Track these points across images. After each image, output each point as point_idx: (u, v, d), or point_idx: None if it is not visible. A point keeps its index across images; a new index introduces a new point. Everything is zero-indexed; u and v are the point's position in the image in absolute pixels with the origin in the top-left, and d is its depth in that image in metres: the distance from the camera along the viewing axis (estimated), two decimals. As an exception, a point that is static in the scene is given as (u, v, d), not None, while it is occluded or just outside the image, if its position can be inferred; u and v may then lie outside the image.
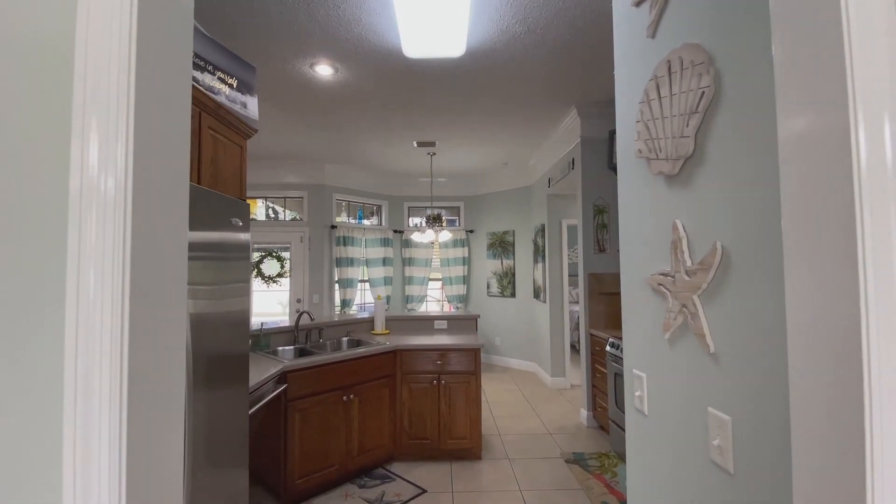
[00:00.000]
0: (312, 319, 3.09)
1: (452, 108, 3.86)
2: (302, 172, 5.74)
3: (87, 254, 0.48)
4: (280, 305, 6.30)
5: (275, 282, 5.68)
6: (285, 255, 5.74)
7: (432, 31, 2.57)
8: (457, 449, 3.12)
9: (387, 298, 6.40)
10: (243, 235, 1.59)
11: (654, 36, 1.02)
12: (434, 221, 5.38)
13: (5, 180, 0.52)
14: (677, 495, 0.93)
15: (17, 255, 0.53)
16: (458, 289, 6.60)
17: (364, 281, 6.32)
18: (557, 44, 2.78)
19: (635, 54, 1.12)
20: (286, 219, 5.91)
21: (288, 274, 5.69)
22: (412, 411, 3.13)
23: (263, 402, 2.12)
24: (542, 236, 5.32)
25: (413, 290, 6.65)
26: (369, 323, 3.75)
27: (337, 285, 5.92)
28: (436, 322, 3.82)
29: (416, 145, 4.93)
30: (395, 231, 6.66)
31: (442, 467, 3.06)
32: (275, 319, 4.79)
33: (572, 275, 6.79)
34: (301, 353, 3.05)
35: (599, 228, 4.02)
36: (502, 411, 4.29)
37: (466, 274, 6.65)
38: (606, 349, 3.41)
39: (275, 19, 2.52)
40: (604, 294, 3.99)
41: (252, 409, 1.97)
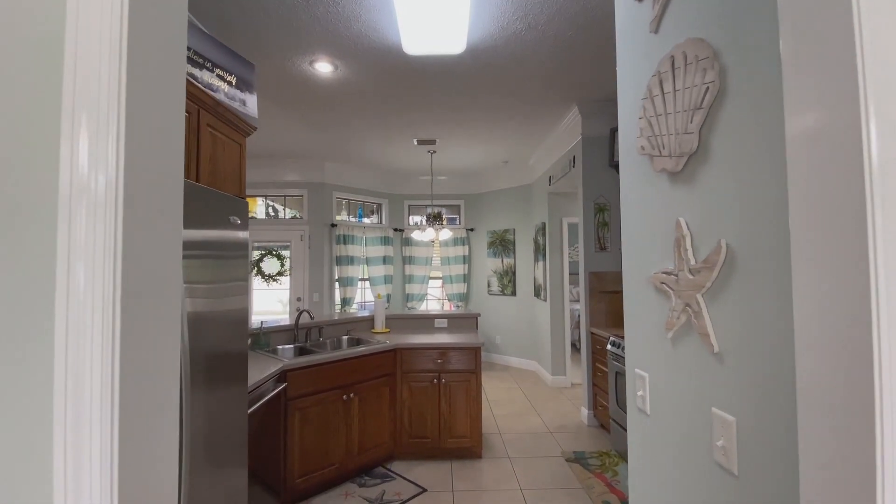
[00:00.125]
0: (312, 318, 3.08)
1: (453, 106, 3.85)
2: (302, 171, 5.73)
3: (77, 253, 0.47)
4: (280, 304, 6.29)
5: (275, 280, 5.67)
6: (285, 253, 5.73)
7: (432, 28, 2.55)
8: (457, 448, 3.12)
9: (387, 297, 6.39)
10: (242, 233, 1.57)
11: (658, 31, 1.01)
12: (434, 220, 5.37)
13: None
14: (680, 496, 0.92)
15: (5, 253, 0.52)
16: (459, 287, 6.59)
17: (364, 279, 6.31)
18: (559, 41, 2.76)
19: (638, 50, 1.11)
20: (286, 217, 5.90)
21: (288, 272, 5.68)
22: (412, 410, 3.12)
23: (263, 401, 2.11)
24: (543, 234, 5.31)
25: (413, 288, 6.64)
26: (369, 321, 3.74)
27: (337, 284, 5.91)
28: (436, 321, 3.81)
29: (416, 143, 4.91)
30: (396, 229, 6.65)
31: (442, 466, 3.05)
32: (275, 318, 4.79)
33: (573, 273, 6.78)
34: (301, 351, 3.04)
35: (600, 227, 4.01)
36: (503, 410, 4.29)
37: (467, 272, 6.64)
38: (607, 348, 3.40)
39: (273, 16, 2.50)
40: (605, 292, 3.98)
41: (251, 408, 1.96)
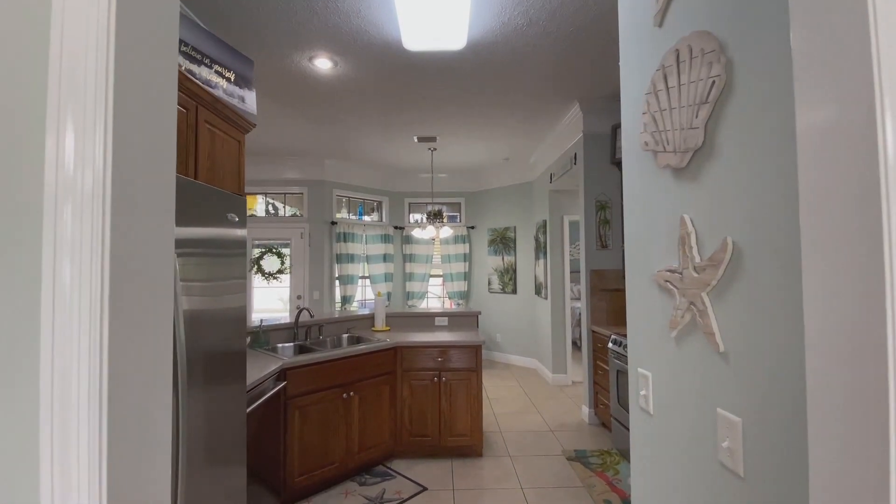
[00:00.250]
0: (312, 316, 3.07)
1: (453, 103, 3.82)
2: (302, 168, 5.71)
3: (64, 251, 0.46)
4: (281, 302, 6.29)
5: (275, 278, 5.66)
6: (285, 251, 5.72)
7: (433, 24, 2.53)
8: (458, 446, 3.11)
9: (387, 295, 6.38)
10: (240, 231, 1.56)
11: (662, 24, 0.99)
12: (435, 217, 5.35)
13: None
14: (684, 497, 0.90)
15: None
16: (459, 285, 6.58)
17: (365, 277, 6.30)
18: (560, 36, 2.74)
19: (642, 44, 1.09)
20: (286, 215, 5.88)
21: (288, 270, 5.67)
22: (413, 408, 3.11)
23: (263, 400, 2.10)
24: (544, 232, 5.29)
25: (414, 286, 6.63)
26: (370, 320, 3.73)
27: (337, 282, 5.90)
28: (436, 319, 3.80)
29: (416, 140, 4.89)
30: (396, 227, 6.64)
31: (443, 464, 3.04)
32: (275, 316, 4.78)
33: (574, 271, 6.75)
34: (301, 350, 3.03)
35: (602, 224, 3.99)
36: (503, 408, 4.28)
37: (467, 270, 6.62)
38: (609, 346, 3.38)
39: (272, 11, 2.48)
40: (606, 290, 3.96)
41: (251, 407, 1.95)
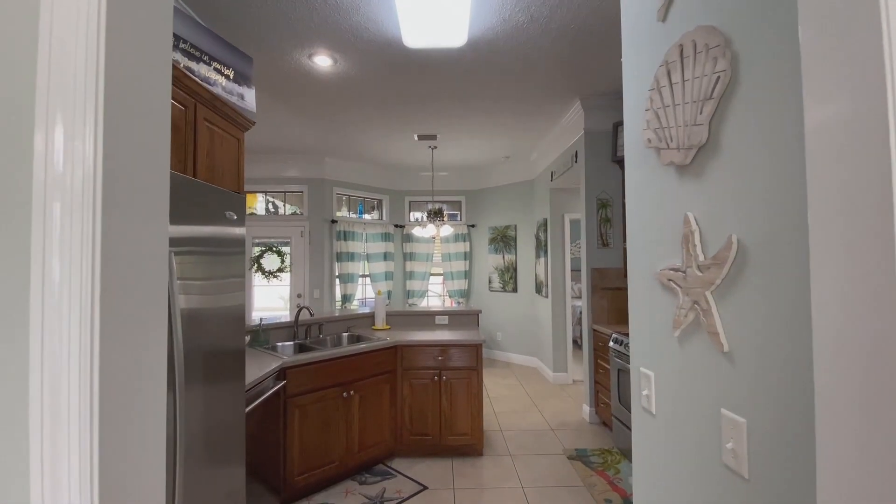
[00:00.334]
0: (312, 315, 3.06)
1: (454, 101, 3.81)
2: (302, 166, 5.70)
3: (53, 250, 0.44)
4: (282, 300, 6.28)
5: (275, 277, 5.65)
6: (285, 249, 5.71)
7: (433, 21, 2.51)
8: (458, 445, 3.10)
9: (388, 293, 6.37)
10: (238, 229, 1.55)
11: (665, 19, 0.98)
12: (435, 216, 5.33)
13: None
14: (687, 498, 0.89)
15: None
16: (460, 284, 6.57)
17: (365, 276, 6.29)
18: (561, 33, 2.72)
19: (645, 39, 1.07)
20: (286, 213, 5.87)
21: (288, 269, 5.66)
22: (413, 407, 3.10)
23: (262, 399, 2.09)
24: (545, 231, 5.27)
25: (414, 285, 6.62)
26: (370, 318, 3.72)
27: (338, 280, 5.89)
28: (437, 317, 3.79)
29: (416, 139, 4.87)
30: (396, 226, 6.62)
31: (443, 463, 3.04)
32: (275, 314, 4.77)
33: (575, 270, 6.74)
34: (301, 348, 3.02)
35: (603, 223, 3.97)
36: (504, 407, 4.27)
37: (468, 269, 6.61)
38: (610, 345, 3.37)
39: (272, 8, 2.46)
40: (607, 289, 3.95)
41: (250, 406, 1.94)
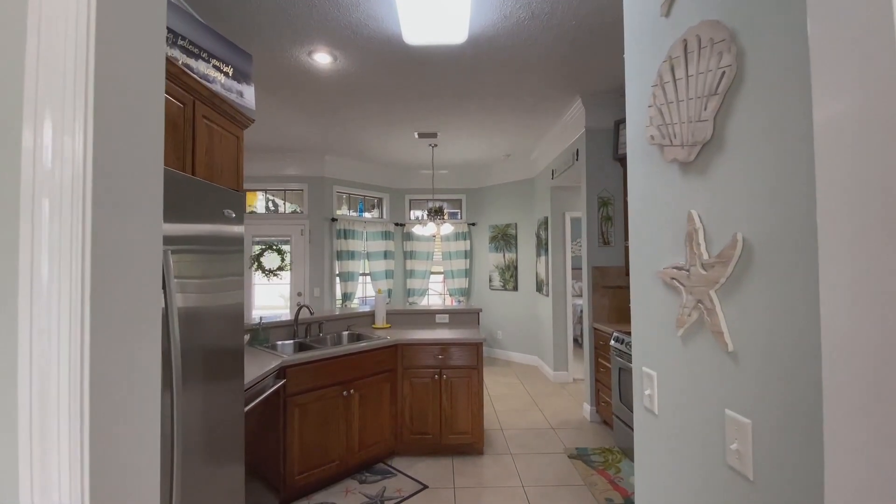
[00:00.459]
0: (312, 313, 3.05)
1: (454, 98, 3.79)
2: (302, 164, 5.68)
3: (42, 249, 0.43)
4: (282, 299, 6.27)
5: (275, 275, 5.64)
6: (286, 248, 5.70)
7: (433, 17, 2.49)
8: (458, 444, 3.10)
9: (388, 292, 6.36)
10: (237, 228, 1.53)
11: (669, 14, 0.96)
12: (436, 214, 5.31)
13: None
14: (690, 499, 0.88)
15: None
16: (460, 282, 6.56)
17: (365, 274, 6.28)
18: (562, 29, 2.70)
19: (647, 35, 1.06)
20: (286, 211, 5.86)
21: (288, 267, 5.65)
22: (413, 406, 3.09)
23: (262, 398, 2.08)
24: (545, 229, 5.26)
25: (415, 283, 6.61)
26: (370, 317, 3.71)
27: (338, 279, 5.88)
28: (437, 316, 3.78)
29: (417, 136, 4.85)
30: (397, 224, 6.61)
31: (443, 462, 3.03)
32: (276, 313, 4.76)
33: (576, 268, 6.73)
34: (301, 347, 3.01)
35: (604, 221, 3.96)
36: (504, 406, 4.27)
37: (468, 267, 6.60)
38: (611, 343, 3.36)
39: (271, 4, 2.45)
40: (608, 288, 3.94)
41: (250, 405, 1.93)
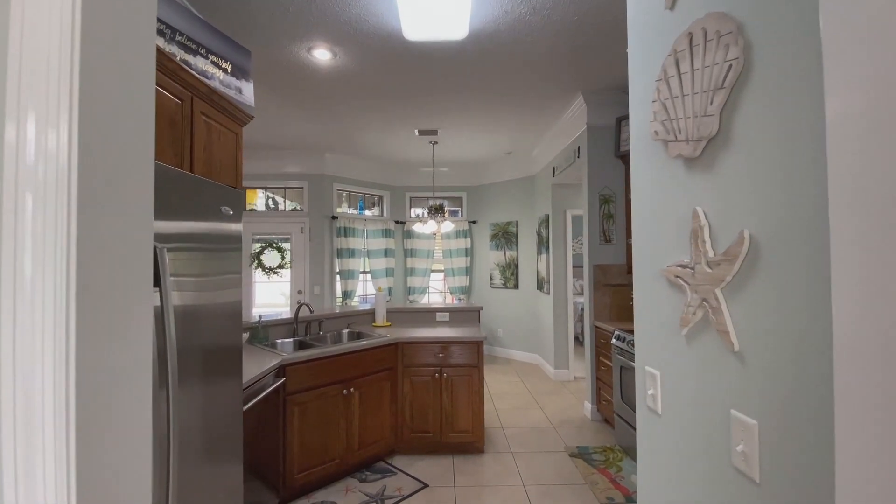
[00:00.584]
0: (311, 311, 3.04)
1: (454, 95, 3.77)
2: (302, 162, 5.66)
3: (25, 246, 0.42)
4: (283, 297, 6.27)
5: (275, 273, 5.63)
6: (286, 246, 5.68)
7: (433, 13, 2.47)
8: (459, 442, 3.09)
9: (388, 290, 6.35)
10: (234, 225, 1.52)
11: (674, 7, 0.94)
12: (436, 212, 5.29)
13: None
14: (694, 502, 0.87)
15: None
16: (461, 280, 6.54)
17: (365, 272, 6.27)
18: (564, 25, 2.68)
19: (651, 28, 1.04)
20: (286, 209, 5.84)
21: (289, 265, 5.64)
22: (414, 405, 3.08)
23: (261, 396, 2.07)
24: (546, 227, 5.24)
25: (415, 281, 6.60)
26: (370, 315, 3.70)
27: (338, 277, 5.87)
28: (438, 314, 3.77)
29: (417, 134, 4.83)
30: (397, 222, 6.59)
31: (444, 461, 3.02)
32: (276, 311, 4.75)
33: (577, 266, 6.72)
34: (300, 345, 3.00)
35: (605, 219, 3.94)
36: (505, 404, 4.26)
37: (469, 265, 6.58)
38: (612, 342, 3.35)
39: None
40: (609, 286, 3.92)
41: (249, 404, 1.92)
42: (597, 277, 3.93)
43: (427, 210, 5.49)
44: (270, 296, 6.71)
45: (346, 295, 5.90)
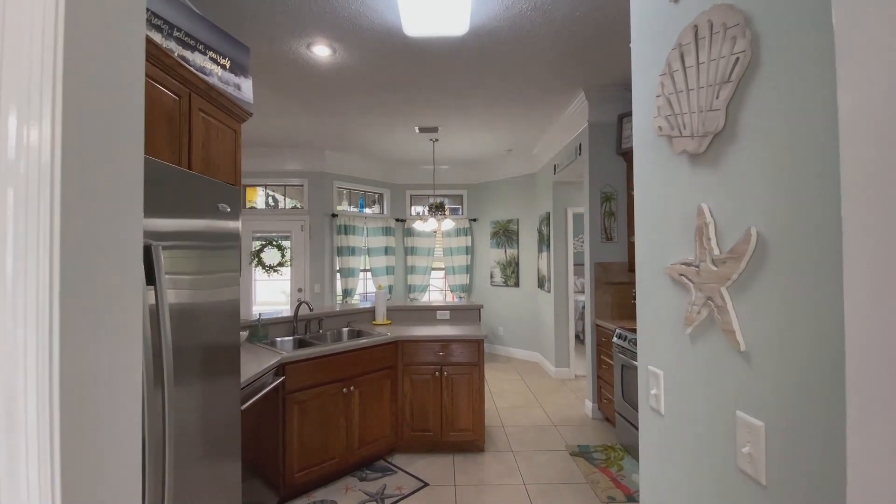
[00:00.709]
0: (311, 309, 3.03)
1: (455, 92, 3.74)
2: (302, 159, 5.64)
3: (6, 243, 0.40)
4: (284, 295, 6.26)
5: (275, 271, 5.62)
6: (286, 243, 5.67)
7: (434, 8, 2.45)
8: (459, 441, 3.08)
9: (389, 288, 6.33)
10: (232, 223, 1.50)
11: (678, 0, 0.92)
12: (437, 210, 5.27)
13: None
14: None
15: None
16: (461, 278, 6.53)
17: (366, 270, 6.25)
18: (566, 21, 2.66)
19: (655, 21, 1.02)
20: (286, 207, 5.83)
21: (289, 263, 5.63)
22: (414, 403, 3.07)
23: (260, 395, 2.06)
24: (547, 225, 5.22)
25: (415, 279, 6.58)
26: (370, 313, 3.68)
27: (338, 274, 5.85)
28: (438, 312, 3.75)
29: (417, 131, 4.81)
30: (398, 220, 6.58)
31: (444, 460, 3.01)
32: (276, 309, 4.74)
33: (578, 264, 6.70)
34: (300, 344, 2.99)
35: (607, 216, 3.92)
36: (506, 402, 4.25)
37: (469, 263, 6.57)
38: (613, 340, 3.33)
39: (269, -4, 2.40)
40: (610, 284, 3.90)
41: (248, 402, 1.91)
42: (598, 275, 3.91)
43: (427, 208, 5.47)
44: (271, 294, 6.71)
45: (347, 293, 5.89)
